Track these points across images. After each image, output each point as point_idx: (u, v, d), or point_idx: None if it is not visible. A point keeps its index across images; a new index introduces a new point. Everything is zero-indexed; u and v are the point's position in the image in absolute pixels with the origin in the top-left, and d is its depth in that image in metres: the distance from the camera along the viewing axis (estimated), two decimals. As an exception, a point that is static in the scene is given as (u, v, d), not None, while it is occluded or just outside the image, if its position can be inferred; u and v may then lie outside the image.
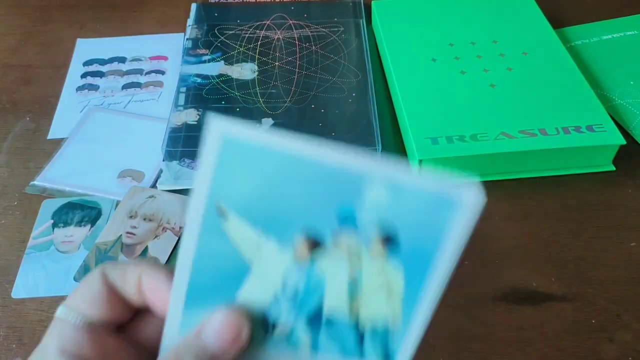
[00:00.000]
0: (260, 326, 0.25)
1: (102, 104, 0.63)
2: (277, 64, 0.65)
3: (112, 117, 0.61)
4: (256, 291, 0.24)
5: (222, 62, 0.65)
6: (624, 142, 0.51)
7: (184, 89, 0.62)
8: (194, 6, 0.73)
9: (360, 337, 0.25)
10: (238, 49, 0.67)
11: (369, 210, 0.23)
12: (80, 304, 0.26)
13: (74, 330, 0.25)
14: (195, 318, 0.25)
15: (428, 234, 0.23)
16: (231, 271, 0.24)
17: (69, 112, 0.62)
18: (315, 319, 0.25)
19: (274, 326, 0.25)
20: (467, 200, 0.22)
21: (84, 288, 0.26)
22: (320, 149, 0.22)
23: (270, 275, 0.24)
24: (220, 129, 0.23)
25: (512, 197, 0.52)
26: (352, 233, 0.23)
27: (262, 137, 0.23)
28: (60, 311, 0.26)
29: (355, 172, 0.22)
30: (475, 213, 0.22)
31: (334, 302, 0.24)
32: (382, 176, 0.22)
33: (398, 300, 0.24)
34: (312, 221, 0.23)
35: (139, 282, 0.26)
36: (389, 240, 0.23)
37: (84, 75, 0.66)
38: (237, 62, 0.65)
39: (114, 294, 0.26)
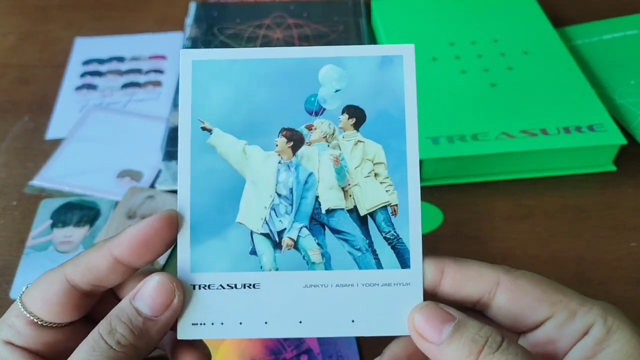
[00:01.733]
0: (267, 245, 0.26)
1: (101, 104, 0.62)
2: (276, 63, 0.65)
3: (111, 117, 0.61)
4: (254, 199, 0.25)
5: (222, 61, 0.65)
6: (624, 142, 0.51)
7: (183, 89, 0.62)
8: (192, 5, 0.73)
9: (367, 232, 0.25)
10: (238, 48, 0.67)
11: (328, 89, 0.25)
12: (36, 302, 0.25)
13: (25, 324, 0.25)
14: (204, 252, 0.26)
15: (385, 92, 0.25)
16: (228, 189, 0.25)
17: (68, 111, 0.62)
18: (317, 221, 0.25)
19: (279, 242, 0.26)
20: (406, 53, 0.26)
21: (43, 287, 0.25)
22: (274, 50, 0.26)
23: (263, 179, 0.26)
24: (188, 56, 0.26)
25: (512, 197, 0.52)
26: (322, 118, 0.25)
27: (225, 53, 0.26)
28: (16, 303, 0.26)
29: (309, 60, 0.25)
30: (414, 62, 0.26)
31: (327, 192, 0.25)
32: (330, 56, 0.25)
33: (385, 173, 0.25)
34: (286, 119, 0.25)
35: (110, 259, 0.25)
36: (354, 110, 0.25)
37: (82, 75, 0.66)
38: (237, 61, 0.65)
39: (72, 295, 0.25)
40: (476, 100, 0.55)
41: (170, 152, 0.55)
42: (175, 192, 0.52)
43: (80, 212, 0.51)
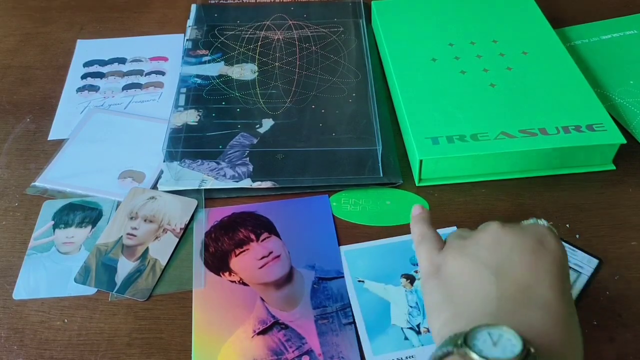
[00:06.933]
0: (413, 333, 0.43)
1: (102, 105, 0.63)
2: (277, 64, 0.65)
3: (112, 118, 0.61)
4: (398, 312, 0.45)
5: (222, 62, 0.65)
6: (624, 141, 0.51)
7: (184, 90, 0.62)
8: (193, 7, 0.73)
9: None
10: (238, 49, 0.67)
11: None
12: None
13: None
14: (378, 343, 0.43)
15: None
16: (382, 308, 0.45)
17: (70, 113, 0.62)
18: None
19: (419, 331, 0.44)
20: None
21: None
22: (391, 239, 0.50)
23: (399, 301, 0.45)
24: (343, 249, 0.49)
25: (512, 197, 0.52)
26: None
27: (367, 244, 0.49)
28: None
29: (407, 242, 0.49)
30: None
31: None
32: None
33: None
34: (403, 270, 0.47)
35: None
36: None
37: (84, 76, 0.66)
38: (237, 62, 0.65)
39: None
40: (476, 100, 0.55)
41: (172, 153, 0.55)
42: (176, 192, 0.53)
43: (82, 213, 0.52)
